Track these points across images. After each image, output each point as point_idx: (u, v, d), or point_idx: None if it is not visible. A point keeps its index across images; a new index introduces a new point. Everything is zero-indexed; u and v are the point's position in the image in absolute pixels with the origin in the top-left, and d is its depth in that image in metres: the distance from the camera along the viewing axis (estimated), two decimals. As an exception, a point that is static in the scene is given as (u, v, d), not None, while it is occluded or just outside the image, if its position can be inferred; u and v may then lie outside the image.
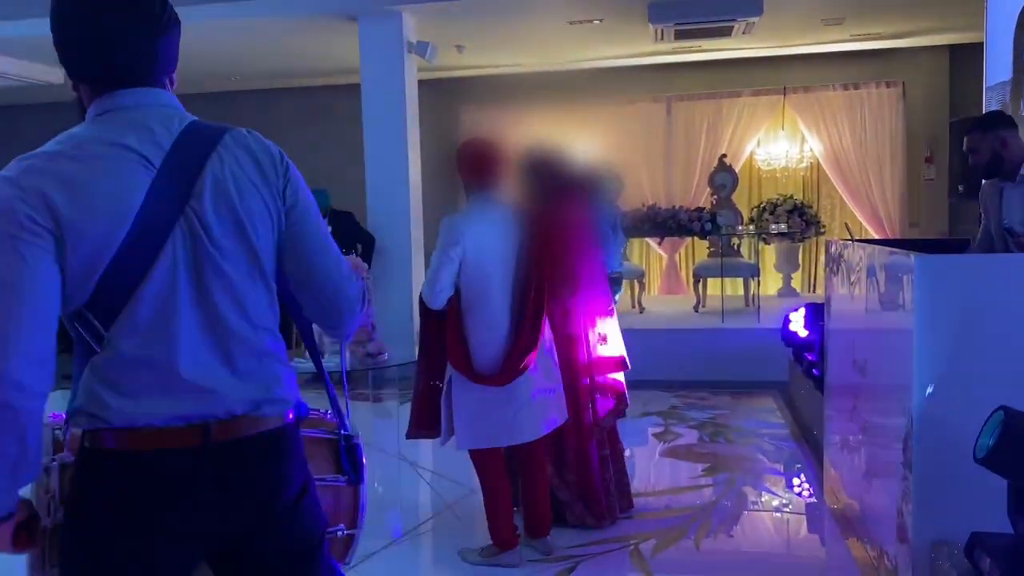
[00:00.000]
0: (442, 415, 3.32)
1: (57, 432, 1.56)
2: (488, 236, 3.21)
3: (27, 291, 1.31)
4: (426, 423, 3.42)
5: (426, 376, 3.43)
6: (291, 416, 1.53)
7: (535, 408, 3.29)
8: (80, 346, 1.41)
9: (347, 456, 1.72)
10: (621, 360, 3.82)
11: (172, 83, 1.51)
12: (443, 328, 3.28)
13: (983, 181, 3.80)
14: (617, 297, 4.44)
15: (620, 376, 3.85)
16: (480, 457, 3.36)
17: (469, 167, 3.27)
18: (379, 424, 5.93)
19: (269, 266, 1.49)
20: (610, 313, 3.79)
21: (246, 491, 1.46)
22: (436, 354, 3.34)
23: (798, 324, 5.52)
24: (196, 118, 1.48)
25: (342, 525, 1.72)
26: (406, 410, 3.66)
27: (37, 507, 1.52)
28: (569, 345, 3.60)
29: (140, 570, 1.42)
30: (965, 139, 3.66)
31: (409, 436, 3.53)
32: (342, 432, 1.75)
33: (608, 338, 3.75)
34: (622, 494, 3.88)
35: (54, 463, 1.52)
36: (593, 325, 3.70)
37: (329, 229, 1.63)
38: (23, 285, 1.31)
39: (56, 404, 1.46)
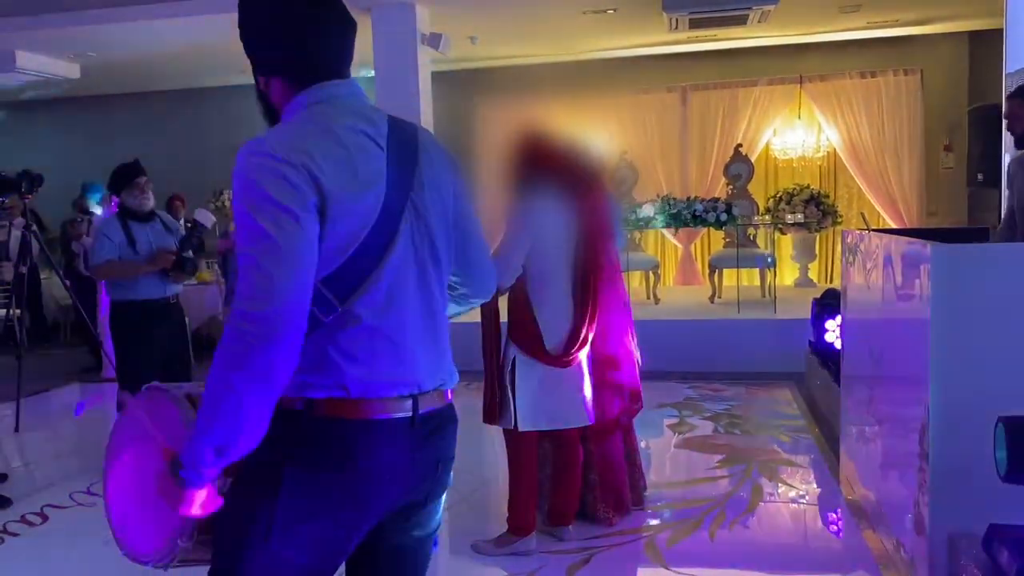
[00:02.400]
0: (505, 399, 3.33)
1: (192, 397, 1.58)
2: (553, 221, 3.31)
3: (302, 255, 1.36)
4: (498, 408, 3.41)
5: (490, 360, 3.44)
6: (453, 392, 1.65)
7: (586, 393, 3.41)
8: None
9: None
10: (634, 357, 3.81)
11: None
12: (511, 311, 3.36)
13: (1009, 161, 3.76)
14: None
15: (635, 372, 3.85)
16: (517, 440, 3.39)
17: (534, 154, 3.34)
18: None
19: (452, 247, 1.63)
20: (627, 307, 3.79)
21: (434, 463, 1.58)
22: (496, 338, 3.40)
23: (835, 335, 5.07)
24: (384, 111, 1.59)
25: None
26: (421, 402, 3.64)
27: None
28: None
29: (336, 533, 1.46)
30: (1004, 104, 3.64)
31: (487, 421, 3.47)
32: None
33: (623, 334, 3.75)
34: (633, 488, 3.87)
35: None
36: (610, 320, 3.69)
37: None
38: (298, 250, 1.36)
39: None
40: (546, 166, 3.34)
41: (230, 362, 1.33)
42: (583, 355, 3.42)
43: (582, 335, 3.36)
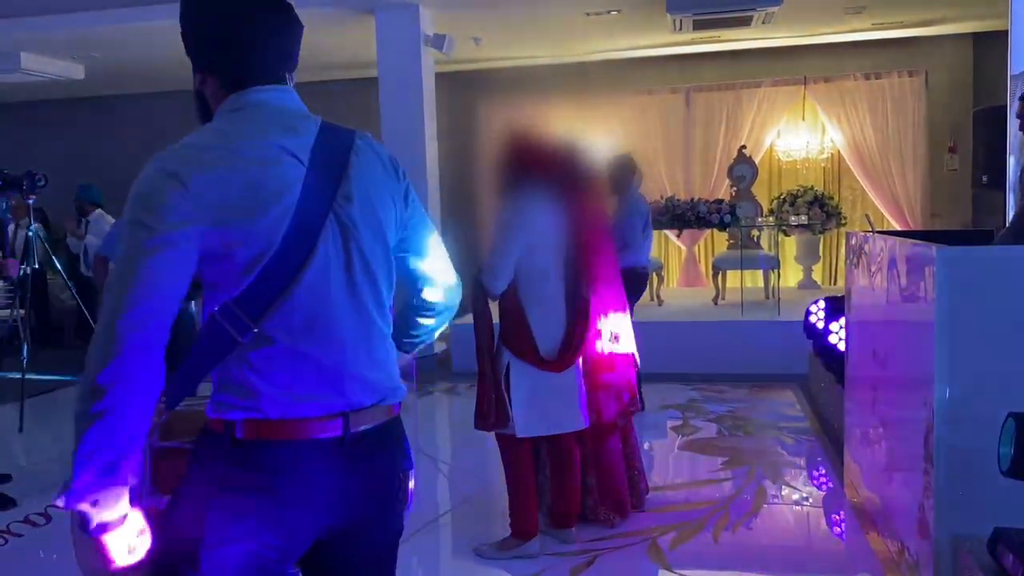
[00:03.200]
0: (502, 405, 3.30)
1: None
2: (544, 224, 3.28)
3: (160, 279, 1.31)
4: (493, 414, 3.38)
5: (483, 366, 3.39)
6: (398, 407, 1.59)
7: (582, 397, 3.40)
8: (212, 339, 1.40)
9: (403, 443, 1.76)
10: (632, 358, 3.80)
11: (292, 80, 1.56)
12: (504, 317, 3.32)
13: (1014, 164, 3.74)
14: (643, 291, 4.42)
15: (632, 373, 3.83)
16: (511, 446, 3.38)
17: (524, 155, 3.30)
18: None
19: (392, 260, 1.57)
20: (624, 309, 3.78)
21: (373, 481, 1.51)
22: (489, 345, 3.37)
23: (839, 337, 5.27)
24: (320, 118, 1.53)
25: None
26: (424, 403, 3.67)
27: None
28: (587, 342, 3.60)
29: (265, 556, 1.42)
30: (1017, 104, 3.62)
31: (479, 427, 3.42)
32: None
33: (621, 335, 3.74)
34: (634, 490, 3.86)
35: (147, 448, 1.55)
36: (607, 320, 3.69)
37: None
38: (158, 271, 1.31)
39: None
40: (534, 167, 3.29)
41: (87, 375, 1.30)
42: (578, 358, 3.39)
43: (576, 338, 3.33)
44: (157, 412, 1.54)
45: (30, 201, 5.70)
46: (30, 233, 5.87)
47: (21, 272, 6.07)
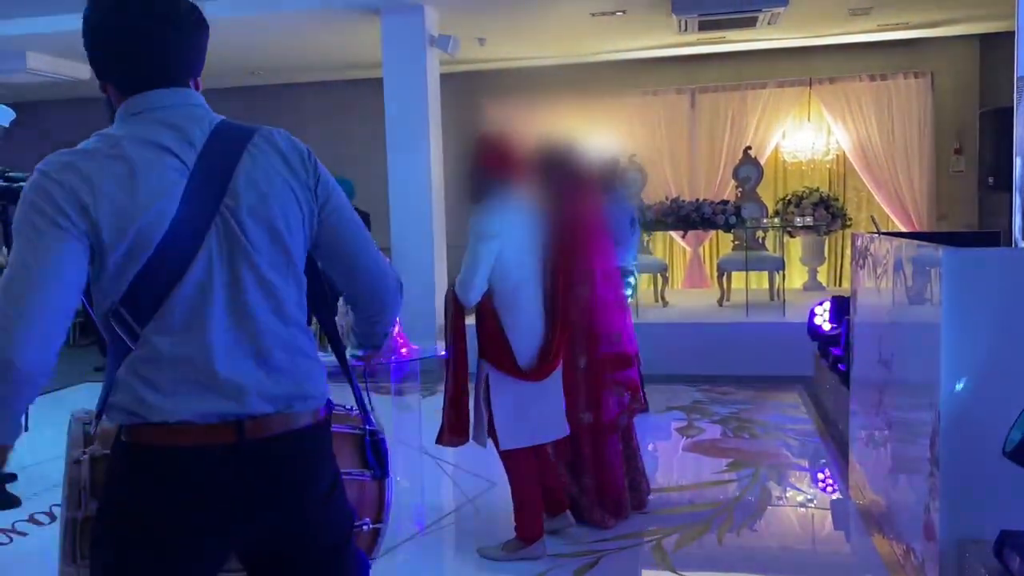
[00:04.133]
0: (475, 417, 3.30)
1: (87, 427, 1.58)
2: (519, 230, 3.21)
3: (49, 277, 1.32)
4: (460, 428, 3.37)
5: (457, 379, 3.37)
6: (322, 413, 1.53)
7: (562, 403, 3.36)
8: (115, 344, 1.42)
9: (372, 451, 1.73)
10: (634, 356, 3.79)
11: (197, 87, 1.52)
12: (480, 328, 3.27)
13: None
14: (630, 292, 4.42)
15: (633, 372, 3.83)
16: (510, 453, 3.36)
17: (493, 160, 3.22)
18: (401, 418, 5.95)
19: (300, 263, 1.51)
20: (624, 308, 3.78)
21: (277, 489, 1.46)
22: (464, 356, 3.33)
23: (823, 317, 5.48)
24: (224, 117, 1.50)
25: (368, 519, 1.73)
26: (428, 404, 3.67)
27: (68, 500, 1.54)
28: (587, 342, 3.59)
29: (170, 565, 1.43)
30: None
31: (441, 442, 3.42)
32: (367, 427, 1.76)
33: (621, 334, 3.73)
34: (635, 491, 3.85)
35: (84, 456, 1.56)
36: (607, 320, 3.68)
37: None
38: (45, 271, 1.32)
39: (84, 399, 1.48)
40: (505, 171, 3.20)
41: None
42: (558, 365, 3.34)
43: (555, 346, 3.26)
44: (94, 419, 1.55)
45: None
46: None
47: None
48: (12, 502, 4.22)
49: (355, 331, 1.75)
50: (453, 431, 3.35)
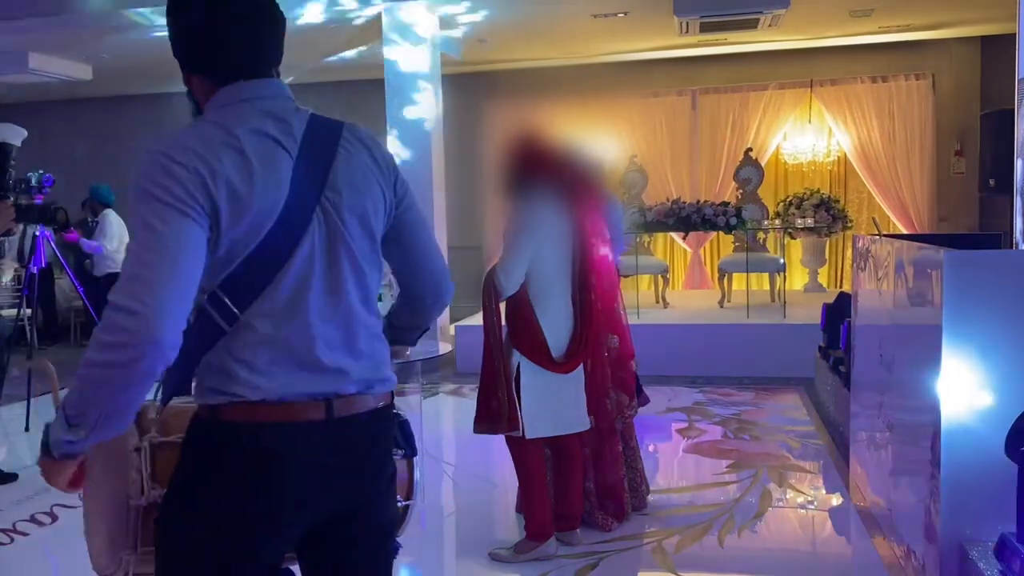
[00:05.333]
0: (511, 405, 3.30)
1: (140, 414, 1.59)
2: (552, 225, 3.29)
3: (179, 264, 1.32)
4: (490, 416, 3.37)
5: (491, 367, 3.39)
6: (391, 396, 1.60)
7: (583, 397, 3.41)
8: (203, 327, 1.42)
9: (400, 430, 1.76)
10: (631, 358, 3.80)
11: (278, 75, 1.56)
12: (513, 318, 3.33)
13: None
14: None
15: (632, 372, 3.83)
16: (522, 448, 3.38)
17: (534, 156, 3.32)
18: (402, 418, 5.95)
19: (380, 252, 1.59)
20: (620, 308, 3.79)
21: (359, 466, 1.53)
22: (499, 346, 3.36)
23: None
24: (311, 110, 1.54)
25: (399, 496, 1.77)
26: (429, 404, 3.67)
27: (129, 488, 1.57)
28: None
29: (250, 542, 1.45)
30: None
31: (478, 431, 3.43)
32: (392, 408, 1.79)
33: (619, 336, 3.74)
34: (635, 493, 3.85)
35: (144, 443, 1.59)
36: (616, 319, 3.69)
37: None
38: (175, 258, 1.32)
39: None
40: (543, 168, 3.31)
41: (97, 347, 1.30)
42: (585, 358, 3.41)
43: (584, 339, 3.35)
44: (154, 408, 1.56)
45: (38, 201, 5.71)
46: (37, 234, 5.89)
47: (27, 272, 6.09)
48: (8, 478, 4.32)
49: (392, 324, 1.78)
50: (482, 419, 3.37)
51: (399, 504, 1.76)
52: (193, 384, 1.47)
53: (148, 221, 1.33)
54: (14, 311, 7.00)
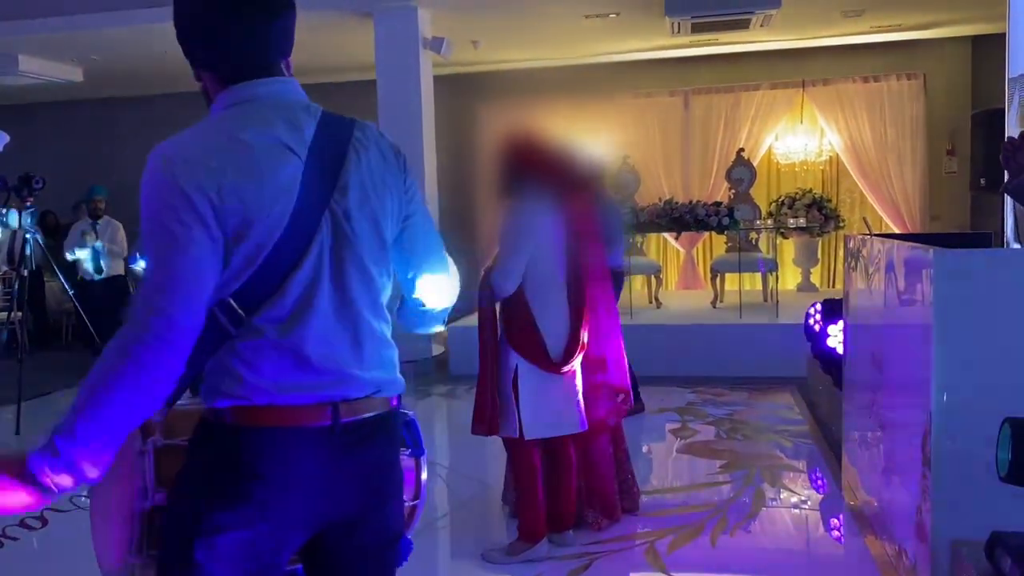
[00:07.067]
0: (508, 408, 3.31)
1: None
2: (547, 225, 3.30)
3: (191, 284, 1.33)
4: (485, 418, 3.37)
5: (488, 369, 3.39)
6: (400, 399, 1.59)
7: (579, 398, 3.42)
8: (211, 328, 1.41)
9: (407, 430, 1.75)
10: (622, 357, 3.80)
11: (289, 68, 1.54)
12: (510, 319, 3.33)
13: None
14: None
15: (622, 373, 3.82)
16: (518, 448, 3.38)
17: (528, 157, 3.31)
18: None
19: (390, 254, 1.56)
20: (613, 309, 3.78)
21: (364, 473, 1.51)
22: (495, 347, 3.36)
23: (837, 340, 4.94)
24: (323, 108, 1.51)
25: (407, 497, 1.76)
26: (423, 406, 3.67)
27: (132, 492, 1.55)
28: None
29: (255, 548, 1.43)
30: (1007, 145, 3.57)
31: (476, 432, 3.42)
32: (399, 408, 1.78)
33: (610, 335, 3.73)
34: (627, 494, 3.85)
35: (148, 446, 1.57)
36: (597, 321, 3.68)
37: None
38: (187, 278, 1.33)
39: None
40: (537, 169, 3.31)
41: (114, 355, 1.30)
42: (578, 360, 3.41)
43: (580, 340, 3.36)
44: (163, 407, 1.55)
45: (28, 204, 5.70)
46: (28, 236, 5.87)
47: (18, 275, 6.07)
48: None
49: (400, 319, 1.77)
50: (480, 420, 3.36)
51: (407, 504, 1.75)
52: (201, 387, 1.47)
53: (160, 251, 1.33)
54: (4, 314, 6.98)
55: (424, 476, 1.79)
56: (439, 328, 1.83)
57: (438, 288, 1.71)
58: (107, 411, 1.30)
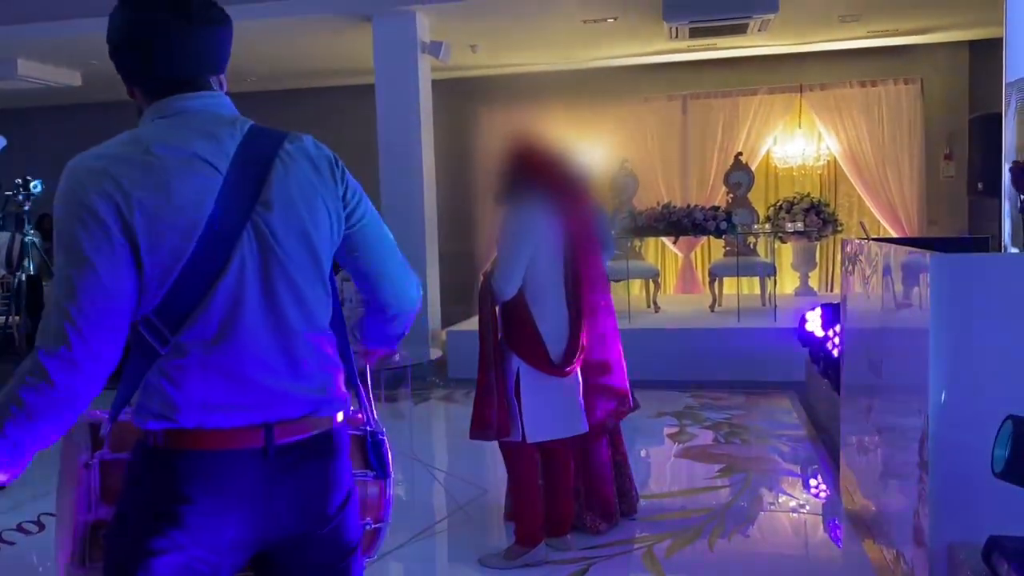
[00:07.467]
0: (510, 411, 3.30)
1: (94, 429, 1.58)
2: (546, 229, 3.31)
3: (101, 297, 1.32)
4: (484, 423, 3.36)
5: (489, 373, 3.38)
6: (344, 417, 1.55)
7: (580, 400, 3.42)
8: (140, 348, 1.41)
9: (373, 451, 1.74)
10: (620, 360, 3.80)
11: (222, 84, 1.52)
12: (510, 322, 3.34)
13: None
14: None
15: (621, 376, 3.82)
16: (517, 452, 3.37)
17: (529, 161, 3.33)
18: (392, 425, 5.94)
19: (327, 268, 1.52)
20: (610, 311, 3.79)
21: (303, 494, 1.47)
22: (497, 350, 3.36)
23: (815, 324, 5.49)
24: (253, 122, 1.49)
25: (369, 519, 1.74)
26: (419, 411, 3.67)
27: (76, 503, 1.54)
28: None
29: (200, 570, 1.41)
30: (1012, 168, 3.58)
31: (476, 437, 3.41)
32: (368, 428, 1.76)
33: (607, 338, 3.74)
34: (625, 498, 3.84)
35: (94, 460, 1.56)
36: (595, 324, 3.68)
37: None
38: (104, 280, 1.32)
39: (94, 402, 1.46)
40: (536, 173, 3.33)
41: (25, 378, 1.32)
42: (580, 362, 3.41)
43: (580, 343, 3.37)
44: (107, 422, 1.54)
45: (26, 208, 5.70)
46: (26, 240, 5.87)
47: (15, 278, 6.06)
48: None
49: (365, 329, 1.75)
50: (478, 425, 3.35)
51: (368, 527, 1.71)
52: (135, 406, 1.45)
53: (68, 256, 1.33)
54: (2, 318, 6.97)
55: (388, 497, 1.74)
56: (401, 334, 1.80)
57: (396, 293, 1.68)
58: (11, 427, 1.31)
